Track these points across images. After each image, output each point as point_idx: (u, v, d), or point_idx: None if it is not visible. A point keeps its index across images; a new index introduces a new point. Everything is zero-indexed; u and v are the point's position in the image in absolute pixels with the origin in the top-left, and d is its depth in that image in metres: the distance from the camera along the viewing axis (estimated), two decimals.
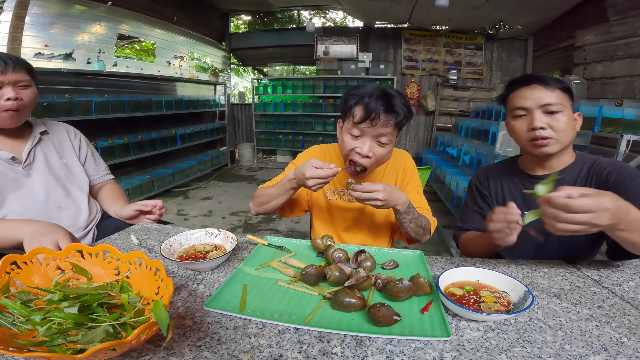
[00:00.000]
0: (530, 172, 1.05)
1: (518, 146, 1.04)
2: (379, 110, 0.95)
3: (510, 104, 1.00)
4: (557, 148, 0.94)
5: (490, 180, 1.13)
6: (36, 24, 3.13)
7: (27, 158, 1.14)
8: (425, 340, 0.58)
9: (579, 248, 1.01)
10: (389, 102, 0.96)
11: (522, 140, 0.98)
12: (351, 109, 0.99)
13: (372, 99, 0.96)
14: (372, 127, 0.96)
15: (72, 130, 1.34)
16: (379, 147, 1.01)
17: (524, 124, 0.96)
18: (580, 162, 1.00)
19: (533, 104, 0.93)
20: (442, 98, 5.60)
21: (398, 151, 1.23)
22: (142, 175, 3.94)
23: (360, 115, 0.96)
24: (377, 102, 0.95)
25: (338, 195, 1.21)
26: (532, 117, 0.93)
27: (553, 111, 0.92)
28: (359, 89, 1.01)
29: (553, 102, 0.91)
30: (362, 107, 0.96)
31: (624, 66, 3.26)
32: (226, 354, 0.55)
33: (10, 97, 1.03)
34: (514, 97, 0.98)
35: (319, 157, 1.23)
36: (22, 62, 1.08)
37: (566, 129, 0.92)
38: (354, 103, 0.99)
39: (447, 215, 3.45)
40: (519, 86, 0.97)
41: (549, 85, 0.93)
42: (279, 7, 5.94)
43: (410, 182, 1.19)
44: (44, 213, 1.14)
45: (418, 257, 0.92)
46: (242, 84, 10.00)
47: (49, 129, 1.25)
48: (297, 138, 5.93)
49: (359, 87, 1.02)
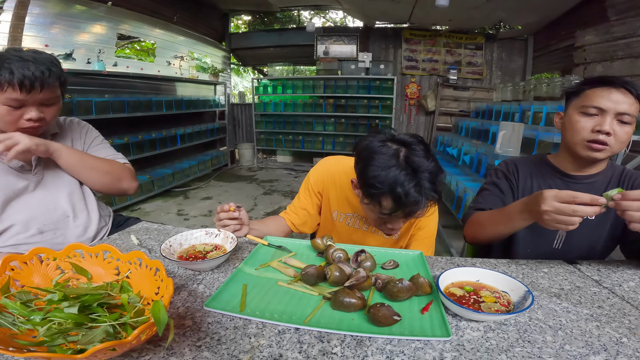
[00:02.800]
0: (566, 171, 1.02)
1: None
2: (416, 207, 0.81)
3: (587, 99, 0.93)
4: (608, 155, 0.93)
5: (521, 171, 1.09)
6: (36, 24, 3.13)
7: (37, 164, 1.06)
8: (425, 340, 0.58)
9: (596, 250, 1.01)
10: (423, 190, 0.80)
11: (578, 138, 0.94)
12: (376, 197, 0.83)
13: (406, 190, 0.78)
14: (405, 217, 0.87)
15: (82, 124, 1.24)
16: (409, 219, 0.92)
17: (590, 123, 0.92)
18: (610, 170, 1.01)
19: (612, 108, 0.89)
20: (442, 98, 5.60)
21: None
22: (142, 175, 3.94)
23: (390, 207, 0.82)
24: (412, 196, 0.79)
25: (345, 218, 1.15)
26: (603, 120, 0.89)
27: (625, 121, 0.89)
28: (379, 169, 0.81)
29: (631, 113, 0.88)
30: (392, 200, 0.81)
31: (624, 66, 3.27)
32: (226, 354, 0.55)
33: (32, 118, 0.92)
34: (595, 93, 0.92)
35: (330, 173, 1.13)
36: (56, 74, 0.94)
37: (626, 142, 0.91)
38: (381, 194, 0.81)
39: (447, 215, 3.45)
40: (606, 85, 0.91)
41: (638, 95, 0.89)
42: (279, 7, 5.94)
43: (424, 230, 1.11)
44: (52, 223, 1.08)
45: (418, 257, 0.92)
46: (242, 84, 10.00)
47: (60, 129, 1.17)
48: (297, 138, 5.93)
49: (378, 160, 0.82)
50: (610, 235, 1.00)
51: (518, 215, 0.86)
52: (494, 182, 1.11)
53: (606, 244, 1.01)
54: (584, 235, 0.99)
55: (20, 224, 1.03)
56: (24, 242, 1.04)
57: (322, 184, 1.15)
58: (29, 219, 1.04)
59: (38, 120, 0.95)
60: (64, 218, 1.11)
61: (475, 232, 1.02)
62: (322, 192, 1.16)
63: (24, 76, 0.87)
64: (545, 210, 0.74)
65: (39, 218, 1.06)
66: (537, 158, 1.12)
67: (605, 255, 1.04)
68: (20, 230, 1.04)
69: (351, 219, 1.14)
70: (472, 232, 1.03)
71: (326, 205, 1.17)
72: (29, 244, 1.04)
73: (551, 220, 0.74)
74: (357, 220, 1.13)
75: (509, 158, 1.17)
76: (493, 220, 0.96)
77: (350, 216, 1.13)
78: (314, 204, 1.17)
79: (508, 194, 1.08)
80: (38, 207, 1.06)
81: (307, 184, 1.17)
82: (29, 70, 0.88)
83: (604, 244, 1.01)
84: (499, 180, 1.10)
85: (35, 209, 1.05)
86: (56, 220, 1.09)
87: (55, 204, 1.09)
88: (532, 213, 0.80)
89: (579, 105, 0.95)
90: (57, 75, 0.94)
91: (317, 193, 1.16)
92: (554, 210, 0.73)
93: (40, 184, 1.08)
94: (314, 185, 1.16)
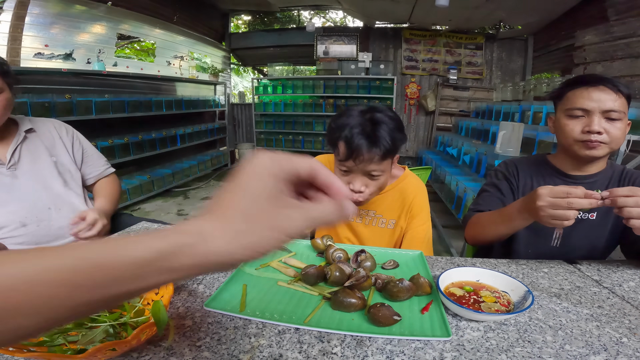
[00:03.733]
0: (565, 171, 1.02)
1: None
2: (361, 147, 0.87)
3: (569, 102, 0.93)
4: (605, 152, 0.92)
5: (520, 172, 1.09)
6: (36, 24, 3.13)
7: (12, 158, 1.07)
8: (426, 340, 0.58)
9: (597, 250, 1.01)
10: (374, 135, 0.88)
11: (570, 141, 0.94)
12: (335, 143, 0.93)
13: (355, 132, 0.88)
14: (358, 165, 0.91)
15: (64, 126, 1.27)
16: (371, 181, 0.95)
17: (578, 125, 0.91)
18: (611, 169, 1.01)
19: (596, 107, 0.88)
20: (442, 98, 5.60)
21: (415, 183, 1.14)
22: (142, 175, 3.94)
23: (343, 152, 0.90)
24: (359, 137, 0.87)
25: None
26: (590, 120, 0.89)
27: (613, 118, 0.88)
28: (342, 118, 0.92)
29: (617, 109, 0.87)
30: (344, 143, 0.89)
31: (624, 66, 3.27)
32: (226, 354, 0.55)
33: None
34: (575, 95, 0.92)
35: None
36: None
37: (621, 137, 0.90)
38: (337, 138, 0.92)
39: (447, 215, 3.45)
40: (584, 85, 0.91)
41: (619, 90, 0.88)
42: (279, 7, 5.94)
43: (417, 218, 1.12)
44: (34, 215, 1.09)
45: (418, 257, 0.92)
46: (242, 84, 10.00)
47: (36, 126, 1.18)
48: (297, 138, 5.93)
49: (343, 114, 0.93)
50: (611, 236, 1.00)
51: (517, 215, 0.86)
52: (494, 183, 1.11)
53: (607, 244, 1.01)
54: (585, 236, 0.99)
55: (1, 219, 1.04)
56: (8, 235, 1.05)
57: None
58: (9, 213, 1.05)
59: None
60: (46, 210, 1.11)
61: (476, 234, 1.03)
62: None
63: None
64: (541, 206, 0.75)
65: (19, 212, 1.07)
66: (537, 158, 1.12)
67: (606, 255, 1.04)
68: (2, 224, 1.05)
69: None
70: (473, 234, 1.04)
71: None
72: (13, 237, 1.05)
73: (547, 216, 0.75)
74: None
75: (509, 159, 1.16)
76: (493, 221, 0.96)
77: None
78: None
79: (508, 195, 1.08)
80: (17, 202, 1.07)
81: None
82: None
83: (604, 244, 1.01)
84: (499, 182, 1.10)
85: (15, 203, 1.07)
86: (37, 213, 1.09)
87: (34, 197, 1.10)
88: (530, 211, 0.80)
89: (564, 109, 0.95)
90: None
91: None
92: (549, 205, 0.74)
93: (15, 178, 1.09)
94: None
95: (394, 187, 1.13)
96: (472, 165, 3.26)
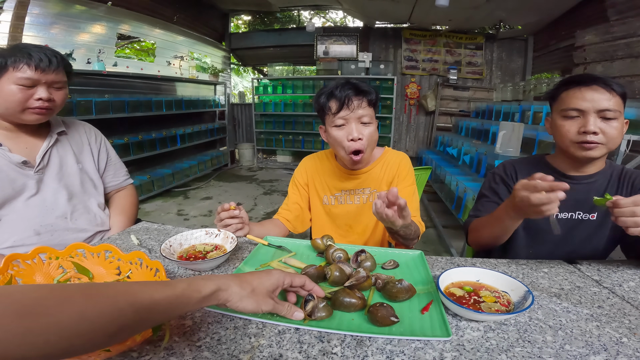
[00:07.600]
0: (564, 171, 1.02)
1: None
2: (350, 95, 1.04)
3: (563, 102, 0.93)
4: (603, 153, 0.91)
5: (519, 174, 1.08)
6: (36, 24, 3.13)
7: (41, 162, 1.06)
8: (426, 340, 0.58)
9: (598, 250, 1.01)
10: (356, 87, 1.05)
11: (567, 142, 0.93)
12: (326, 105, 1.08)
13: (341, 87, 1.05)
14: (351, 111, 1.04)
15: (94, 131, 1.26)
16: (364, 127, 1.07)
17: (574, 126, 0.91)
18: (610, 169, 1.00)
19: (590, 107, 0.87)
20: (442, 98, 5.60)
21: (397, 153, 1.25)
22: (142, 175, 3.94)
23: (336, 105, 1.05)
24: (346, 88, 1.05)
25: (335, 199, 1.23)
26: (585, 120, 0.88)
27: (609, 117, 0.87)
28: (324, 88, 1.11)
29: (612, 108, 0.86)
30: (334, 99, 1.05)
31: (624, 66, 3.27)
32: (226, 354, 0.55)
33: (42, 98, 0.98)
34: (569, 96, 0.91)
35: (312, 164, 1.28)
36: (65, 61, 1.04)
37: (617, 136, 0.89)
38: (326, 99, 1.08)
39: (447, 215, 3.45)
40: (577, 85, 0.90)
41: (612, 89, 0.87)
42: (279, 7, 5.94)
43: (404, 180, 1.20)
44: (49, 224, 1.06)
45: (418, 257, 0.92)
46: (242, 84, 10.01)
47: (68, 129, 1.17)
48: (297, 138, 5.93)
49: (323, 87, 1.13)
50: (612, 236, 1.00)
51: (505, 215, 0.87)
52: (492, 187, 1.12)
53: (607, 244, 1.01)
54: (585, 236, 0.99)
55: (13, 222, 1.01)
56: (20, 244, 1.01)
57: (307, 176, 1.28)
58: (25, 219, 1.02)
59: (47, 100, 1.00)
60: (62, 219, 1.08)
61: (476, 239, 1.05)
62: (308, 183, 1.28)
63: (40, 57, 0.97)
64: (520, 199, 0.77)
65: (35, 219, 1.03)
66: (536, 159, 1.12)
67: (606, 255, 1.04)
68: (15, 231, 1.01)
69: (342, 197, 1.23)
70: (474, 239, 1.06)
71: (315, 195, 1.27)
72: (25, 245, 1.01)
73: (528, 206, 0.76)
74: (348, 195, 1.22)
75: (508, 160, 1.17)
76: (488, 224, 0.98)
77: (339, 195, 1.23)
78: (303, 197, 1.28)
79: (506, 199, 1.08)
80: (36, 207, 1.04)
81: (294, 181, 1.30)
82: (45, 53, 0.98)
83: (605, 244, 1.01)
84: (497, 186, 1.11)
85: (34, 209, 1.03)
86: (53, 221, 1.06)
87: (55, 204, 1.07)
88: (515, 208, 0.82)
89: (559, 110, 0.95)
90: (66, 61, 1.06)
91: (304, 185, 1.28)
92: (524, 198, 0.75)
93: (41, 182, 1.06)
94: (299, 179, 1.28)
95: (380, 162, 1.22)
96: (472, 165, 3.26)
